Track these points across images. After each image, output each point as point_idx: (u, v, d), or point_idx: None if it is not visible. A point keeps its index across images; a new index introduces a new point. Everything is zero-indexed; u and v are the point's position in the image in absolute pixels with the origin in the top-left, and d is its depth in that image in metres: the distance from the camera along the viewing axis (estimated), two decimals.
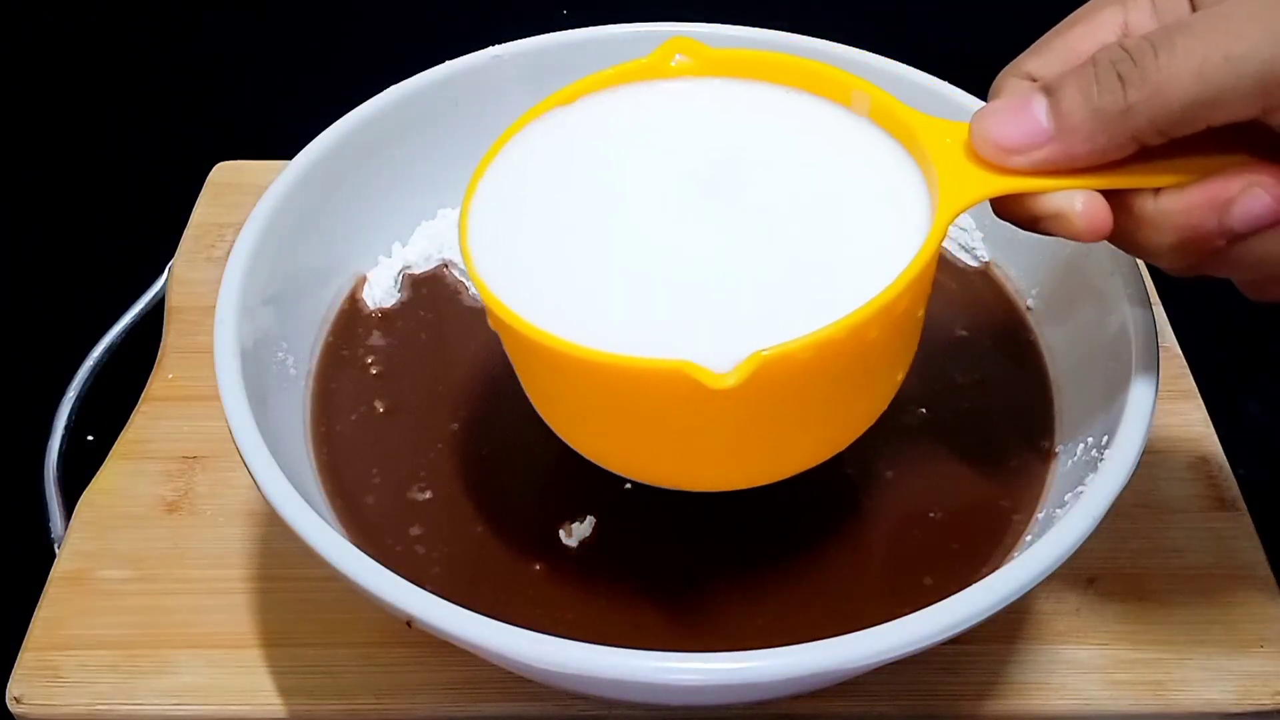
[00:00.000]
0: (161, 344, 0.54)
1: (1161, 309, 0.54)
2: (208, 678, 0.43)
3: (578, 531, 0.41)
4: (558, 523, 0.41)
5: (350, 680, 0.43)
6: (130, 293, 0.59)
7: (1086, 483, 0.37)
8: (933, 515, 0.42)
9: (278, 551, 0.46)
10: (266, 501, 0.36)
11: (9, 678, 0.43)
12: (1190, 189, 0.32)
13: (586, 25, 0.51)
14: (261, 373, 0.41)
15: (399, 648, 0.43)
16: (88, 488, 0.49)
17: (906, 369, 0.37)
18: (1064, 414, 0.44)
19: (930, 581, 0.39)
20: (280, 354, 0.44)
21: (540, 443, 0.43)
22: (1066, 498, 0.39)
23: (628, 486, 0.42)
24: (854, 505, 0.42)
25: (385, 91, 0.48)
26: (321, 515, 0.36)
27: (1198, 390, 0.52)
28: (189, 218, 0.59)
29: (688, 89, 0.38)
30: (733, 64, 0.39)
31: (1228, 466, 0.49)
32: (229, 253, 0.42)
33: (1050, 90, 0.32)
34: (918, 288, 0.33)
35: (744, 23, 0.49)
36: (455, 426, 0.44)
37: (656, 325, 0.33)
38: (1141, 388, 0.38)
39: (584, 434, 0.37)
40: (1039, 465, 0.43)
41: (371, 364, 0.46)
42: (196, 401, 0.51)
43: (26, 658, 0.43)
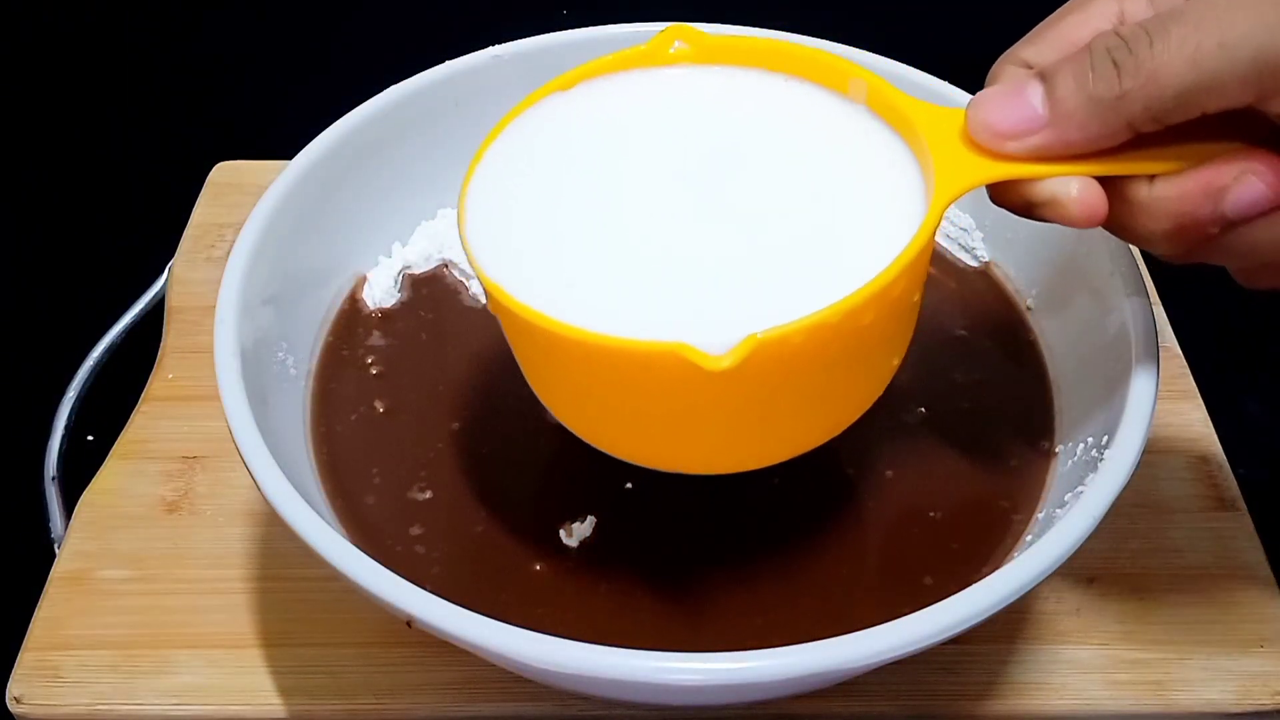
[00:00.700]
0: (161, 344, 0.54)
1: (1161, 309, 0.54)
2: (208, 678, 0.43)
3: (578, 531, 0.41)
4: (558, 523, 0.41)
5: (350, 680, 0.43)
6: (130, 293, 0.59)
7: (1086, 483, 0.37)
8: (933, 515, 0.42)
9: (278, 551, 0.46)
10: (266, 501, 0.36)
11: (9, 678, 0.43)
12: (1185, 176, 0.32)
13: (586, 25, 0.51)
14: (261, 373, 0.41)
15: (399, 648, 0.43)
16: (88, 488, 0.49)
17: (902, 356, 0.37)
18: (1064, 414, 0.44)
19: (930, 581, 0.39)
20: (280, 354, 0.44)
21: (540, 443, 0.43)
22: (1066, 498, 0.39)
23: (628, 486, 0.42)
24: (854, 505, 0.42)
25: (385, 91, 0.48)
26: (321, 515, 0.36)
27: (1198, 390, 0.52)
28: (189, 218, 0.59)
29: (686, 76, 0.39)
30: (731, 51, 0.39)
31: (1228, 466, 0.49)
32: (229, 253, 0.42)
33: (1046, 77, 0.33)
34: (913, 272, 0.33)
35: (743, 23, 0.49)
36: (455, 426, 0.44)
37: (653, 308, 0.33)
38: (1141, 388, 0.38)
39: (582, 417, 0.37)
40: (1039, 465, 0.43)
41: (371, 364, 0.46)
42: (196, 401, 0.51)
43: (26, 658, 0.43)
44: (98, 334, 0.58)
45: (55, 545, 0.49)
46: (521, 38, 0.50)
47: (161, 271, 0.59)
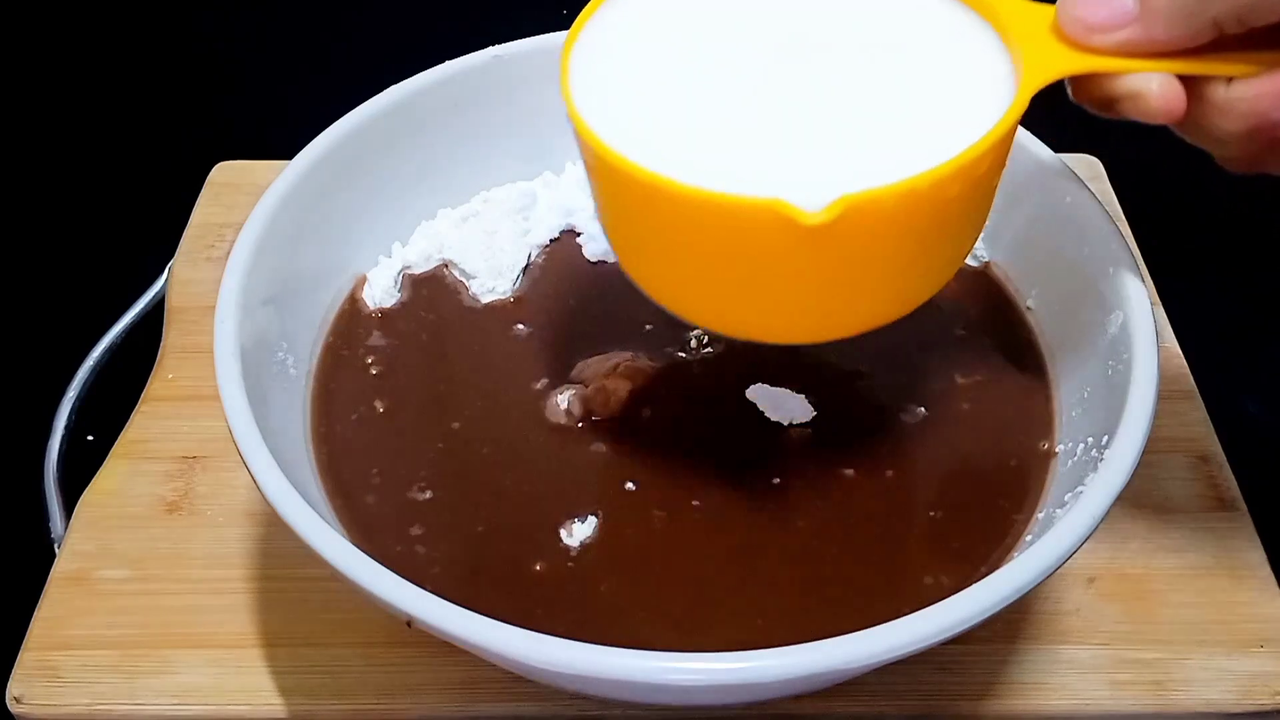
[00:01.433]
0: (161, 344, 0.54)
1: (1161, 309, 0.54)
2: (208, 677, 0.43)
3: (578, 531, 0.41)
4: (558, 523, 0.41)
5: (350, 680, 0.43)
6: (130, 293, 0.59)
7: (1086, 483, 0.37)
8: (933, 515, 0.42)
9: (278, 551, 0.46)
10: (266, 501, 0.36)
11: (9, 678, 0.43)
12: (1262, 78, 0.33)
13: None
14: (261, 373, 0.41)
15: (399, 648, 0.43)
16: (88, 488, 0.49)
17: (975, 240, 0.38)
18: (1064, 414, 0.44)
19: (930, 581, 0.39)
20: (280, 354, 0.44)
21: (540, 443, 0.43)
22: (1066, 498, 0.39)
23: (629, 486, 0.42)
24: (854, 505, 0.42)
25: (385, 91, 0.48)
26: (321, 515, 0.36)
27: (1198, 390, 0.52)
28: (189, 218, 0.59)
29: None
30: None
31: (1228, 466, 0.49)
32: (229, 253, 0.42)
33: None
34: (998, 152, 0.34)
35: None
36: (455, 426, 0.44)
37: (750, 167, 0.34)
38: (1141, 388, 0.38)
39: (667, 279, 0.38)
40: (1039, 465, 0.43)
41: (371, 364, 0.46)
42: (196, 401, 0.51)
43: (26, 658, 0.43)
44: (98, 334, 0.58)
45: (55, 545, 0.49)
46: (521, 38, 0.50)
47: (161, 271, 0.59)
